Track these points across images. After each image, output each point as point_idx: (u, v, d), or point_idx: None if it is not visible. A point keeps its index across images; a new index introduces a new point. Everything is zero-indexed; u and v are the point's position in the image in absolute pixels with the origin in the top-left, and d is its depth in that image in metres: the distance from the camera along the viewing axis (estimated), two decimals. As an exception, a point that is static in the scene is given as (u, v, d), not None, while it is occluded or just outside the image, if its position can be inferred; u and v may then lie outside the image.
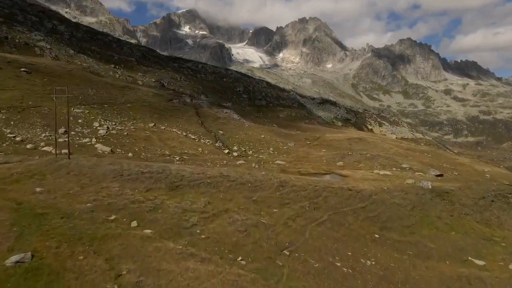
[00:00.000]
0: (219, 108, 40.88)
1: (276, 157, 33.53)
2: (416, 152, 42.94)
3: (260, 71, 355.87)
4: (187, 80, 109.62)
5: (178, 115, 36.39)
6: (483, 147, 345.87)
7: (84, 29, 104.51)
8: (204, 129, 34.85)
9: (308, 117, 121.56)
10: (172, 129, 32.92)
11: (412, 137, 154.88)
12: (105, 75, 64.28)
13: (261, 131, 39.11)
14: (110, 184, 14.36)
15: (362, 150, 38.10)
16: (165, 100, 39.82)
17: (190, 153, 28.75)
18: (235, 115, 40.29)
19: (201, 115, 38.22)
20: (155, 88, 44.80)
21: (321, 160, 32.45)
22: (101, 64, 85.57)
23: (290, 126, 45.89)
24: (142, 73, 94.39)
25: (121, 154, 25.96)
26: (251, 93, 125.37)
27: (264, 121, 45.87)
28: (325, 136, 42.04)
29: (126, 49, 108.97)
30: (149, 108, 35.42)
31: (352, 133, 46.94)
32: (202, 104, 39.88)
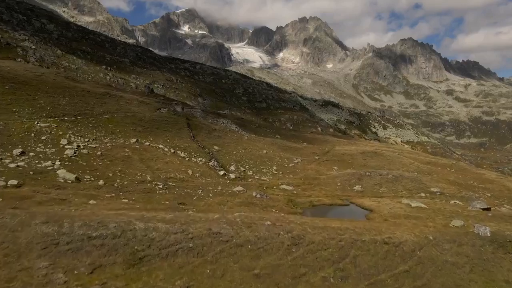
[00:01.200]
0: (214, 117, 35.92)
1: (281, 178, 28.37)
2: (438, 167, 37.81)
3: (260, 71, 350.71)
4: (184, 82, 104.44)
5: (166, 127, 31.34)
6: (486, 148, 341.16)
7: (75, 28, 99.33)
8: (196, 144, 29.77)
9: (310, 121, 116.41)
10: (158, 146, 27.86)
11: (417, 140, 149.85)
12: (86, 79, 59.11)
13: (263, 145, 33.90)
14: (35, 262, 9.33)
15: (379, 167, 32.96)
16: (152, 109, 34.86)
17: (177, 178, 23.68)
18: (233, 125, 35.17)
19: (193, 127, 33.26)
20: (142, 95, 39.56)
21: (335, 183, 27.35)
22: (91, 65, 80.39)
23: (295, 137, 40.81)
24: (136, 75, 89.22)
25: (89, 182, 20.86)
26: (251, 95, 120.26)
27: (266, 131, 40.74)
28: (335, 149, 36.93)
29: (119, 50, 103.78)
30: (132, 119, 30.26)
31: (365, 144, 41.91)
32: (195, 114, 34.88)
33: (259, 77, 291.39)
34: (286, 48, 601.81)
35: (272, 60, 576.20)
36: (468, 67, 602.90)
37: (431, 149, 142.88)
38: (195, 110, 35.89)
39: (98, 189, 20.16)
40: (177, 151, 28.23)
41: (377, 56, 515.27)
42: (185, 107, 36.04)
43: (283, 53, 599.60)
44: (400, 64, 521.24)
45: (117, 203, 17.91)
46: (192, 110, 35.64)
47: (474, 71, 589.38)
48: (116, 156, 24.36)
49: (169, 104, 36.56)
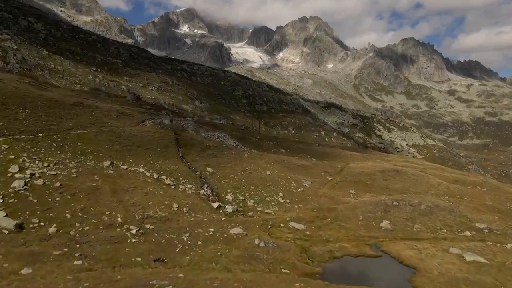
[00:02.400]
0: (209, 130, 30.54)
1: (289, 209, 23.10)
2: (467, 186, 32.66)
3: (260, 71, 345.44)
4: (180, 84, 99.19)
5: (149, 145, 26.03)
6: (489, 149, 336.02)
7: (64, 27, 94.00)
8: (185, 166, 24.53)
9: (313, 124, 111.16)
10: (138, 169, 22.66)
11: (423, 143, 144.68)
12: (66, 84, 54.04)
13: (266, 163, 28.80)
14: None
15: (404, 191, 27.75)
16: (134, 122, 29.50)
17: (158, 216, 18.45)
18: (231, 139, 30.00)
19: (183, 144, 27.87)
20: (124, 104, 34.12)
21: (355, 216, 22.14)
22: (80, 67, 75.15)
23: (302, 151, 35.57)
24: (129, 77, 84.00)
25: (35, 230, 15.59)
26: (251, 98, 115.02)
27: (268, 144, 35.40)
28: (349, 166, 31.75)
29: (112, 50, 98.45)
30: (108, 135, 25.02)
31: (381, 159, 36.67)
32: (186, 126, 29.66)
33: (259, 78, 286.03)
34: (286, 48, 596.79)
35: (272, 60, 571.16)
36: (469, 67, 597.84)
37: (438, 153, 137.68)
38: (186, 122, 30.61)
39: (46, 241, 14.90)
40: (161, 176, 22.94)
41: (378, 56, 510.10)
42: (175, 119, 30.56)
43: (283, 53, 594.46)
44: (402, 64, 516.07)
45: (64, 270, 12.64)
46: (182, 122, 30.27)
47: (476, 71, 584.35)
48: (81, 187, 19.15)
49: (156, 115, 31.09)
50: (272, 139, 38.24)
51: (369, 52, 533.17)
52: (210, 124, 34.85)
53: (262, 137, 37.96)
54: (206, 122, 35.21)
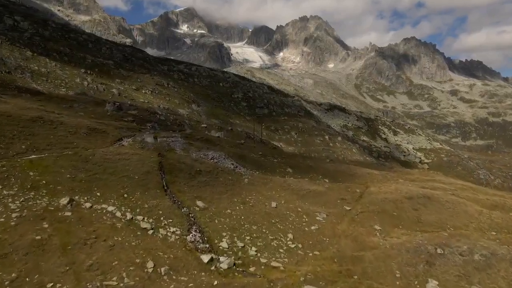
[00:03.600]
0: (201, 148, 24.97)
1: (302, 260, 17.76)
2: (510, 213, 27.33)
3: (260, 71, 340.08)
4: (177, 86, 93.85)
5: (125, 171, 20.82)
6: (493, 151, 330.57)
7: (53, 26, 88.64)
8: (169, 199, 19.20)
9: (317, 128, 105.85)
10: (106, 208, 17.43)
11: (430, 147, 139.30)
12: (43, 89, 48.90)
13: (271, 191, 23.48)
14: None
15: (441, 224, 22.49)
16: (109, 141, 22.10)
17: (123, 286, 13.33)
18: (228, 160, 24.52)
19: (168, 169, 20.43)
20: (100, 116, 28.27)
21: (390, 271, 16.90)
22: (68, 68, 69.84)
23: (312, 170, 30.19)
24: (121, 79, 78.68)
25: None
26: (251, 100, 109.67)
27: (273, 163, 29.84)
28: (369, 190, 26.52)
29: (105, 50, 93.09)
30: (72, 161, 19.86)
31: (404, 178, 31.31)
32: (174, 145, 24.26)
33: (259, 78, 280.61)
34: (286, 47, 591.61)
35: (272, 60, 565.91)
36: (471, 66, 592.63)
37: (446, 157, 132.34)
38: (174, 139, 25.03)
39: None
40: (137, 217, 17.62)
41: (380, 55, 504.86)
42: (160, 135, 24.99)
43: (284, 52, 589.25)
44: (403, 64, 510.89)
45: None
46: (169, 139, 24.78)
47: (478, 71, 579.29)
48: (18, 243, 13.89)
49: (138, 130, 25.73)
50: (277, 155, 32.85)
51: (370, 52, 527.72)
52: (204, 139, 29.41)
53: (265, 152, 32.53)
54: (198, 137, 29.76)
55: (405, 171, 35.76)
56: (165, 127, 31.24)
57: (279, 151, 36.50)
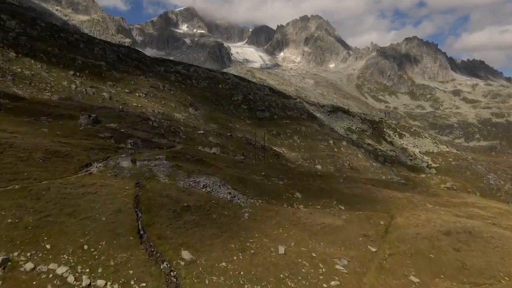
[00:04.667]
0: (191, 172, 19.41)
1: None
2: None
3: (261, 72, 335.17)
4: (173, 88, 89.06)
5: (89, 210, 15.69)
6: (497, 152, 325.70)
7: (42, 26, 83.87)
8: (144, 252, 14.48)
9: (320, 132, 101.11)
10: (54, 270, 12.86)
11: (437, 150, 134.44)
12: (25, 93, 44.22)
13: (277, 228, 18.67)
14: None
15: (492, 272, 17.92)
16: (72, 167, 17.48)
17: None
18: (224, 188, 19.42)
19: (146, 206, 16.36)
20: (68, 133, 23.22)
21: None
22: (55, 70, 65.11)
23: (324, 193, 25.34)
24: (113, 81, 73.90)
25: None
26: (251, 103, 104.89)
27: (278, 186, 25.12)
28: (396, 222, 21.82)
29: (97, 51, 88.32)
30: (18, 198, 15.24)
31: (434, 203, 26.49)
32: (157, 170, 19.17)
33: (259, 78, 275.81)
34: (287, 47, 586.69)
35: (272, 59, 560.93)
36: (474, 66, 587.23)
37: (454, 162, 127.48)
38: (158, 163, 20.00)
39: None
40: (96, 283, 13.03)
41: (381, 55, 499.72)
42: (140, 158, 19.93)
43: (284, 52, 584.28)
44: (405, 63, 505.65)
45: None
46: (151, 162, 19.65)
47: (481, 71, 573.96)
48: None
49: (115, 150, 20.83)
50: (282, 174, 28.06)
51: (372, 52, 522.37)
52: (196, 160, 24.51)
53: (268, 172, 27.68)
54: (190, 156, 24.83)
55: (430, 191, 30.93)
56: (151, 143, 26.34)
57: (284, 169, 31.62)
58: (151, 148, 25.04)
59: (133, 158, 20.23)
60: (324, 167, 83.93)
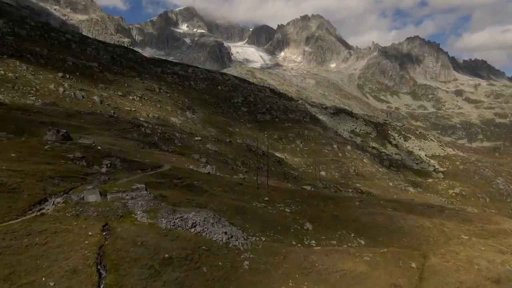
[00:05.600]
0: (178, 205, 15.29)
1: None
2: None
3: (261, 72, 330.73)
4: (170, 91, 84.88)
5: (31, 273, 11.79)
6: (501, 153, 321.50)
7: (32, 25, 79.71)
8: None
9: (324, 136, 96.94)
10: None
11: (443, 154, 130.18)
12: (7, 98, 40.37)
13: (285, 282, 14.64)
14: None
15: None
16: (19, 207, 13.41)
17: None
18: (219, 225, 15.08)
19: (113, 262, 11.96)
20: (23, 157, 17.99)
21: None
22: (43, 72, 60.93)
23: (338, 222, 21.09)
24: (105, 84, 69.73)
25: None
26: (252, 105, 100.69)
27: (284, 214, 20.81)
28: (432, 265, 17.55)
29: (90, 51, 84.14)
30: None
31: (467, 232, 22.45)
32: (132, 205, 15.26)
33: (260, 79, 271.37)
34: (287, 47, 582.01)
35: (273, 59, 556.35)
36: (476, 66, 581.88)
37: (461, 165, 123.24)
38: (136, 194, 15.80)
39: None
40: None
41: (383, 55, 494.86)
42: (112, 190, 15.54)
43: (285, 52, 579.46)
44: (407, 63, 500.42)
45: None
46: (127, 194, 15.58)
47: (483, 71, 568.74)
48: None
49: (82, 177, 16.68)
50: (289, 199, 23.90)
51: (373, 51, 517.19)
52: (185, 185, 20.23)
53: (273, 199, 23.38)
54: (178, 180, 20.50)
55: (460, 214, 26.71)
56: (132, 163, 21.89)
57: (290, 190, 27.37)
58: (132, 171, 20.88)
59: (104, 189, 16.03)
60: (329, 173, 79.77)
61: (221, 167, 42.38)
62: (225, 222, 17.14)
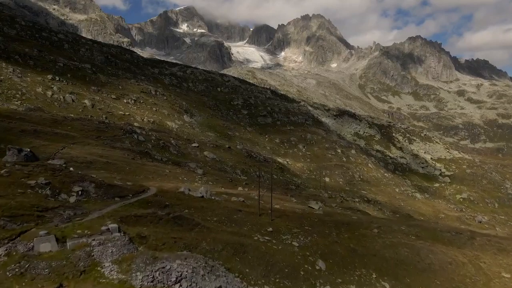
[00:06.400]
0: (161, 248, 12.62)
1: None
2: None
3: (262, 72, 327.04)
4: (167, 93, 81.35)
5: None
6: (504, 154, 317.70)
7: (22, 24, 76.20)
8: None
9: (327, 139, 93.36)
10: None
11: (450, 157, 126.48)
12: None
13: None
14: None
15: None
16: None
17: None
18: (210, 275, 12.85)
19: None
20: None
21: None
22: (30, 75, 57.40)
23: (357, 258, 17.49)
24: (98, 86, 66.19)
25: None
26: (252, 108, 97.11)
27: (292, 250, 17.64)
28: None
29: (83, 52, 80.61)
30: None
31: (507, 268, 19.22)
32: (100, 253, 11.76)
33: (260, 79, 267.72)
34: (288, 47, 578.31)
35: (273, 59, 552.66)
36: (478, 66, 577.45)
37: (468, 169, 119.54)
38: (105, 237, 12.67)
39: None
40: None
41: (384, 55, 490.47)
42: (73, 235, 12.26)
43: (285, 52, 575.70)
44: (408, 63, 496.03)
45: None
46: (92, 239, 12.39)
47: (485, 71, 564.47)
48: None
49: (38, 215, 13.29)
50: (296, 224, 20.40)
51: (374, 51, 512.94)
52: (171, 219, 16.52)
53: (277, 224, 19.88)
54: (162, 214, 16.69)
55: (493, 242, 23.24)
56: (109, 189, 18.28)
57: (298, 215, 23.78)
58: (108, 199, 17.33)
59: (64, 232, 12.50)
60: (333, 179, 76.24)
61: (218, 179, 38.85)
62: (219, 269, 13.60)
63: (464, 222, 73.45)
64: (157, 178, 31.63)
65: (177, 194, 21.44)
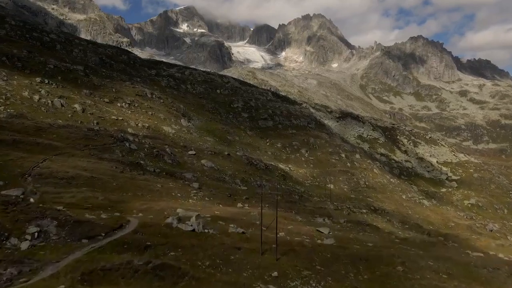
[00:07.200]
0: None
1: None
2: None
3: (262, 73, 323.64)
4: (164, 95, 77.97)
5: None
6: (507, 155, 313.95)
7: (12, 24, 72.89)
8: None
9: (330, 143, 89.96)
10: None
11: (456, 160, 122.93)
12: None
13: None
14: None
15: None
16: None
17: None
18: None
19: None
20: None
21: None
22: (17, 77, 54.03)
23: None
24: (90, 89, 62.80)
25: None
26: (253, 110, 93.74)
27: None
28: None
29: (76, 53, 77.26)
30: None
31: None
32: None
33: (261, 80, 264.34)
34: (289, 47, 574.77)
35: (274, 59, 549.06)
36: (480, 66, 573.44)
37: (476, 173, 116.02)
38: None
39: None
40: None
41: (386, 55, 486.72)
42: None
43: (286, 52, 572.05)
44: (410, 63, 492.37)
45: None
46: None
47: (487, 71, 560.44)
48: None
49: None
50: (306, 264, 17.05)
51: (376, 51, 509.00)
52: (153, 267, 12.94)
53: (283, 266, 16.53)
54: (140, 263, 13.08)
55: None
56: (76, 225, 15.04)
57: (307, 249, 20.37)
58: (73, 241, 13.77)
59: None
60: (337, 186, 72.82)
61: (216, 194, 35.42)
62: None
63: (475, 231, 69.97)
64: (147, 195, 28.24)
65: (162, 229, 17.87)
